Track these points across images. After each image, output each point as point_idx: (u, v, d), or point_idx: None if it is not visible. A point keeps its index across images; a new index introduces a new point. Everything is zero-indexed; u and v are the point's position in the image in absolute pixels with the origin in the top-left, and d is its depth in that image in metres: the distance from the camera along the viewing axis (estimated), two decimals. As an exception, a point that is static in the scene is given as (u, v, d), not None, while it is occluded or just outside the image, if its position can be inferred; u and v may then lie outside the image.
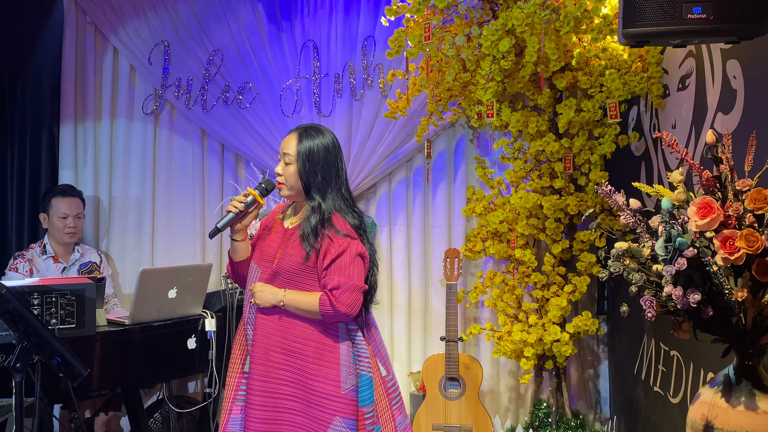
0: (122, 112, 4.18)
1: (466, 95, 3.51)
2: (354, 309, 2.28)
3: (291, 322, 2.33)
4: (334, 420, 2.27)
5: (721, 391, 1.66)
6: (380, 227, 4.05)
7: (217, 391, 3.45)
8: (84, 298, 2.83)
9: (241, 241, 2.48)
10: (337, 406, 2.28)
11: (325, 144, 2.38)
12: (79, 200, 3.78)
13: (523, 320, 3.53)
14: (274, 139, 4.00)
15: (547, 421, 3.57)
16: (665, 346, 2.80)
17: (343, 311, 2.26)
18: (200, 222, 4.16)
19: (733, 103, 2.19)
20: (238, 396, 2.42)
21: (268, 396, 2.32)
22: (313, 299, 2.28)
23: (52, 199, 3.72)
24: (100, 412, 3.81)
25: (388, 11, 3.31)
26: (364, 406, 2.33)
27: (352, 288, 2.27)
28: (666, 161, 2.85)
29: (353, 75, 3.98)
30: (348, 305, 2.26)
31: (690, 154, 1.87)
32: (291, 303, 2.31)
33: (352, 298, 2.27)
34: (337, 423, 2.27)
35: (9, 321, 2.10)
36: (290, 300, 2.31)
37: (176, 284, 3.16)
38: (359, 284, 2.30)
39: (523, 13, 2.99)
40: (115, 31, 4.12)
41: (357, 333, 2.39)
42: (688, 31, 1.84)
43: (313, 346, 2.31)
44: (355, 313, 2.31)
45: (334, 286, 2.26)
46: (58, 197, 3.72)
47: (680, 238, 1.58)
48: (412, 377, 3.94)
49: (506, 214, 3.53)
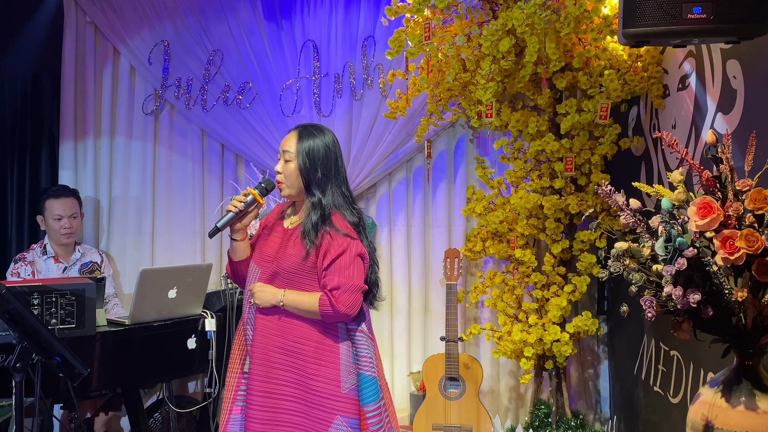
0: (122, 112, 4.18)
1: (466, 95, 3.51)
2: (354, 309, 2.28)
3: (290, 322, 2.32)
4: (335, 419, 2.27)
5: (721, 391, 1.66)
6: (380, 227, 4.05)
7: (217, 391, 3.45)
8: (84, 298, 2.83)
9: (240, 240, 2.48)
10: (338, 405, 2.28)
11: (325, 142, 2.38)
12: (73, 200, 3.75)
13: (523, 320, 3.53)
14: (274, 139, 4.00)
15: (547, 421, 3.57)
16: (665, 346, 2.80)
17: (342, 311, 2.26)
18: (200, 222, 4.16)
19: (733, 103, 2.19)
20: (238, 396, 2.42)
21: (268, 396, 2.31)
22: (313, 299, 2.28)
23: (46, 201, 3.69)
24: (100, 412, 3.81)
25: (388, 11, 3.31)
26: (366, 405, 2.33)
27: (352, 288, 2.27)
28: (666, 161, 2.85)
29: (353, 75, 3.98)
30: (348, 305, 2.26)
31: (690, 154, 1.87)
32: (291, 303, 2.31)
33: (351, 298, 2.27)
34: (338, 422, 2.27)
35: (9, 321, 2.10)
36: (290, 300, 2.31)
37: (176, 284, 3.16)
38: (359, 284, 2.30)
39: (523, 13, 2.99)
40: (115, 31, 4.12)
41: (357, 332, 2.39)
42: (688, 31, 1.85)
43: (312, 347, 2.31)
44: (355, 314, 2.31)
45: (334, 286, 2.26)
46: (51, 199, 3.69)
47: (680, 238, 1.58)
48: (412, 377, 3.94)
49: (506, 214, 3.53)
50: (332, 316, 2.27)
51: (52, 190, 3.75)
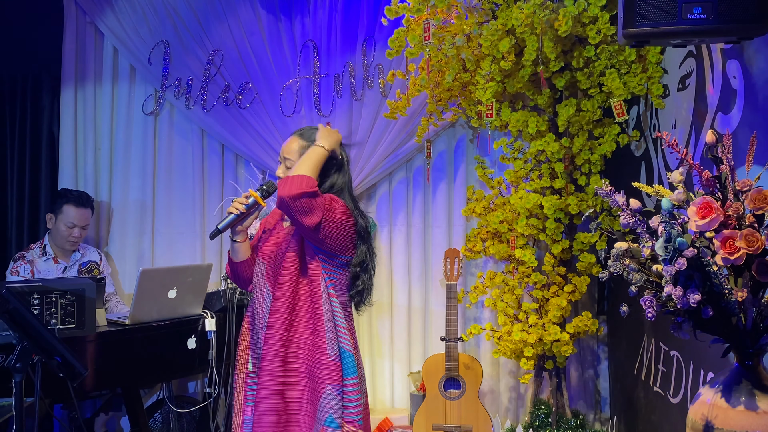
0: (122, 112, 4.18)
1: (466, 95, 3.51)
2: (300, 200, 2.20)
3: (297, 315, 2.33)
4: (325, 388, 2.29)
5: (721, 391, 1.66)
6: (380, 227, 4.05)
7: (217, 391, 3.45)
8: (84, 298, 2.83)
9: (241, 242, 2.48)
10: (326, 374, 2.30)
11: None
12: (90, 211, 3.75)
13: (523, 320, 3.53)
14: (274, 139, 4.00)
15: (547, 421, 3.57)
16: (665, 346, 2.80)
17: (300, 191, 2.19)
18: (200, 222, 4.16)
19: (733, 103, 2.19)
20: (248, 396, 2.42)
21: (280, 389, 2.32)
22: (314, 174, 2.28)
23: (64, 204, 3.66)
24: (100, 412, 3.81)
25: (388, 11, 3.31)
26: (345, 377, 2.33)
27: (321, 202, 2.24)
28: (666, 161, 2.85)
29: (353, 75, 3.98)
30: (302, 194, 2.19)
31: (690, 154, 1.87)
32: (314, 153, 2.31)
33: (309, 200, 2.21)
34: (327, 390, 2.29)
35: (9, 321, 2.10)
36: (316, 153, 2.32)
37: (176, 284, 3.16)
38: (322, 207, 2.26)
39: (523, 13, 2.99)
40: (115, 31, 4.12)
41: (338, 308, 2.37)
42: (688, 31, 1.84)
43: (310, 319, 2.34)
44: (292, 196, 2.20)
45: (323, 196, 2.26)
46: (71, 205, 3.66)
47: (680, 238, 1.58)
48: (412, 377, 3.94)
49: (506, 214, 3.53)
50: (296, 183, 2.20)
51: (74, 196, 3.71)
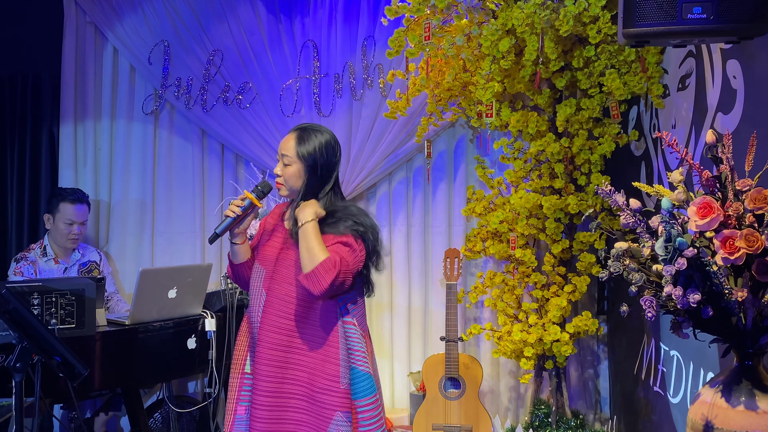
0: (122, 112, 4.18)
1: (466, 95, 3.51)
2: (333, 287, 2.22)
3: (298, 321, 2.32)
4: (335, 415, 2.27)
5: (721, 391, 1.66)
6: (380, 227, 4.05)
7: (217, 391, 3.45)
8: (84, 298, 2.83)
9: (240, 244, 2.48)
10: (337, 401, 2.28)
11: (323, 143, 2.38)
12: (86, 207, 3.75)
13: (523, 320, 3.53)
14: (274, 139, 4.00)
15: (547, 421, 3.57)
16: (665, 346, 2.80)
17: (330, 280, 2.19)
18: (200, 222, 4.16)
19: (733, 103, 2.19)
20: (242, 396, 2.42)
21: (275, 396, 2.31)
22: (324, 250, 2.23)
23: (60, 203, 3.66)
24: (100, 412, 3.81)
25: (388, 11, 3.31)
26: (358, 399, 2.33)
27: (348, 270, 2.25)
28: (666, 161, 2.85)
29: (353, 75, 3.98)
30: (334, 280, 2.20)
31: (690, 154, 1.87)
32: (309, 232, 2.25)
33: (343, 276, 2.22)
34: (338, 417, 2.28)
35: (9, 321, 2.10)
36: (310, 231, 2.25)
37: (176, 284, 3.16)
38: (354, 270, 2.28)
39: (523, 13, 2.99)
40: (115, 31, 4.12)
41: (348, 325, 2.37)
42: (688, 31, 1.84)
43: (318, 343, 2.31)
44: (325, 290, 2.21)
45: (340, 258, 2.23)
46: (67, 203, 3.66)
47: (680, 238, 1.58)
48: (412, 377, 3.94)
49: (506, 214, 3.53)
50: (322, 276, 2.19)
51: (68, 194, 3.70)
